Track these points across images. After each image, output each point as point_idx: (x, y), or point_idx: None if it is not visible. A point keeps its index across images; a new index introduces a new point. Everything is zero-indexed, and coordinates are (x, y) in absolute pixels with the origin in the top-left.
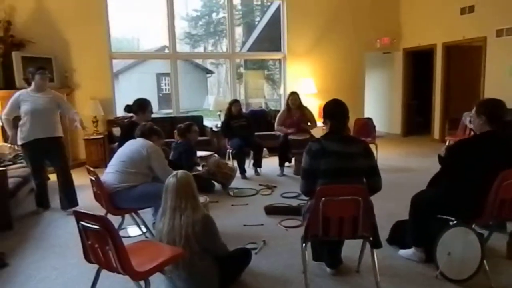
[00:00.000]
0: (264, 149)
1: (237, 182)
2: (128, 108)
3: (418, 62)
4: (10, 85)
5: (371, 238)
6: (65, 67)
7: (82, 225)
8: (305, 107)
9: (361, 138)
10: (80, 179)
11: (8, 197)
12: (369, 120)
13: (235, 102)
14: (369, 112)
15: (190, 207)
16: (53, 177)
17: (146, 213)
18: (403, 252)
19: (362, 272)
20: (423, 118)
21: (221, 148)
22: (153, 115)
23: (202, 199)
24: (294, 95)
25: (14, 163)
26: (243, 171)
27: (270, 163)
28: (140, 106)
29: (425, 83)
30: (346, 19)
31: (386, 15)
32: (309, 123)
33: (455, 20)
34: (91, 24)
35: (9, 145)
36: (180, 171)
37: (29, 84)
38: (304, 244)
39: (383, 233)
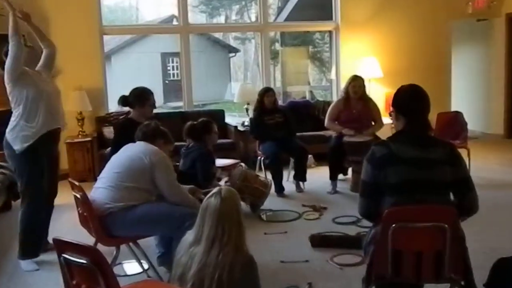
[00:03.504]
0: (310, 155)
1: (271, 201)
2: (123, 101)
3: None
4: None
5: (462, 283)
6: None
7: (65, 258)
8: (370, 99)
9: (447, 140)
10: (61, 196)
11: None
12: (458, 114)
13: (268, 92)
14: (457, 103)
15: (233, 242)
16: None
17: (149, 244)
18: None
19: None
20: None
21: (250, 155)
22: (156, 110)
23: None
24: (358, 80)
25: None
26: (279, 186)
27: (318, 176)
28: (138, 97)
29: None
30: None
31: None
32: (373, 122)
33: None
34: None
35: None
36: (224, 189)
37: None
38: None
39: (480, 275)
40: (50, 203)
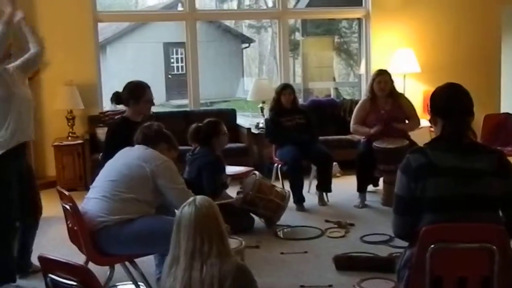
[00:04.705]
0: (335, 163)
1: (290, 216)
2: (116, 97)
3: None
4: None
5: None
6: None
7: (52, 279)
8: (401, 95)
9: (495, 147)
10: (48, 207)
11: None
12: (509, 117)
13: (286, 89)
14: (508, 104)
15: (215, 251)
16: None
17: (148, 263)
18: None
19: None
20: None
21: (265, 162)
22: (157, 109)
23: (234, 242)
24: (383, 76)
25: None
26: (300, 198)
27: (344, 187)
28: (131, 92)
29: None
30: None
31: None
32: (407, 121)
33: None
34: None
35: None
36: (198, 197)
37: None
38: None
39: None
40: (33, 221)
